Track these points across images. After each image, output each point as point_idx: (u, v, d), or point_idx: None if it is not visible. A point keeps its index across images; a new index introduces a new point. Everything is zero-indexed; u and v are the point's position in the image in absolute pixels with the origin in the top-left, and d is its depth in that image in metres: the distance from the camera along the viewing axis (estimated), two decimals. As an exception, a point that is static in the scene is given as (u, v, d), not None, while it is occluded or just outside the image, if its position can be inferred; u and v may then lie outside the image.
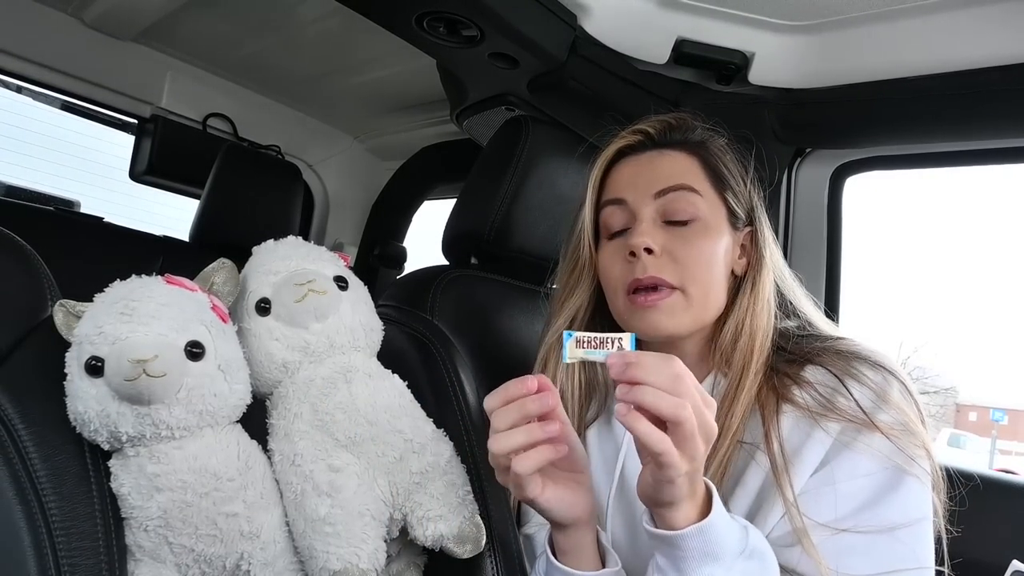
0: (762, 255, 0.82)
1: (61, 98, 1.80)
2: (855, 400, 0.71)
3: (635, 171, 0.84)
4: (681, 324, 0.78)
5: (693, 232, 0.79)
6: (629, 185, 0.83)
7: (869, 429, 0.70)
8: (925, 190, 23.07)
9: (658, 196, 0.80)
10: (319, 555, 0.70)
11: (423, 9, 0.98)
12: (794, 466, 0.71)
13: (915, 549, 0.67)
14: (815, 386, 0.74)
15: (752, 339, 0.78)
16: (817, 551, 0.67)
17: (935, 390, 15.96)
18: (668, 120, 0.87)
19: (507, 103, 1.28)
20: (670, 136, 0.86)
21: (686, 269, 0.77)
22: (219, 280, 0.75)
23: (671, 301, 0.77)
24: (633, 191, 0.81)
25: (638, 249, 0.77)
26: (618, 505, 0.83)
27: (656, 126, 0.86)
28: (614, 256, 0.82)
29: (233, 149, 1.77)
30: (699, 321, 0.79)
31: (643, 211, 0.80)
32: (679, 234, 0.79)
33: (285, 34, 1.57)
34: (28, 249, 0.74)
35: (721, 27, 1.05)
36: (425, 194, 2.20)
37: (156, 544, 0.67)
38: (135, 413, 0.64)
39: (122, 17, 1.57)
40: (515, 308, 1.10)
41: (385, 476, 0.75)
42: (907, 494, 0.68)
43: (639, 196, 0.81)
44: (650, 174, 0.82)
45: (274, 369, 0.76)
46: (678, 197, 0.79)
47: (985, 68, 0.93)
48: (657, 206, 0.80)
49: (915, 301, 27.45)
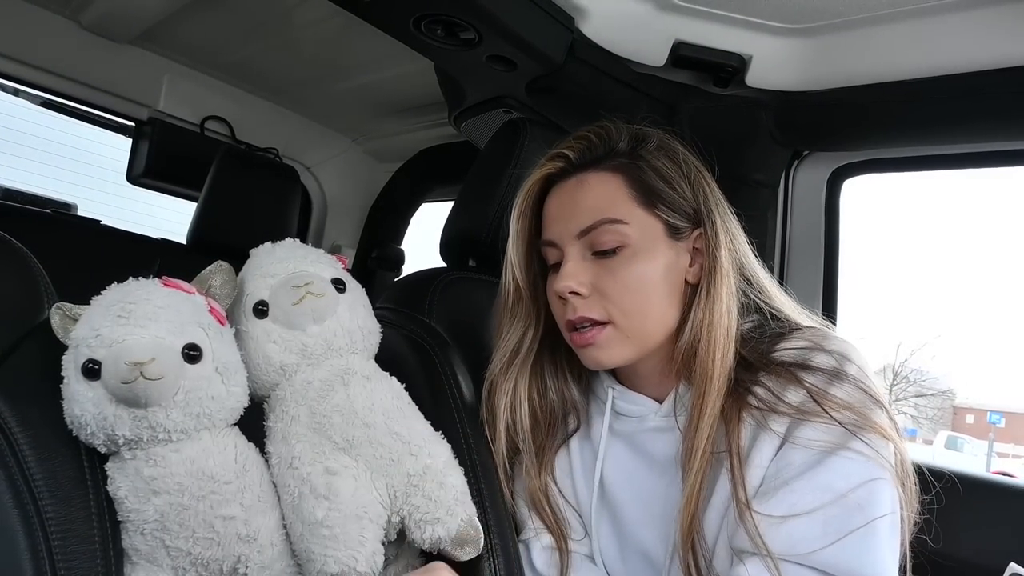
0: (715, 257, 0.77)
1: (58, 101, 1.79)
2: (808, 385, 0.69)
3: (558, 205, 0.81)
4: (622, 355, 0.78)
5: (621, 262, 0.76)
6: (554, 223, 0.81)
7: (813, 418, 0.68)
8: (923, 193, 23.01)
9: (580, 236, 0.78)
10: (317, 558, 0.70)
11: (421, 12, 0.98)
12: (748, 467, 0.70)
13: (865, 511, 0.63)
14: (769, 388, 0.72)
15: (710, 351, 0.74)
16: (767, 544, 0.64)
17: (932, 393, 15.98)
18: (589, 136, 0.82)
19: (505, 106, 1.28)
20: (591, 155, 0.81)
21: (613, 303, 0.76)
22: (216, 283, 0.75)
23: (605, 335, 0.77)
24: (558, 230, 0.80)
25: (563, 293, 0.77)
26: (601, 509, 0.84)
27: (575, 146, 0.82)
28: (552, 294, 0.81)
29: (231, 152, 1.76)
30: (643, 347, 0.78)
31: (569, 250, 0.78)
32: (607, 266, 0.76)
33: (283, 37, 1.57)
34: (24, 252, 0.74)
35: (719, 30, 1.05)
36: (423, 196, 2.20)
37: (153, 547, 0.67)
38: (132, 416, 0.64)
39: (119, 20, 1.57)
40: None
41: (383, 479, 0.74)
42: (847, 461, 0.66)
43: (564, 235, 0.79)
44: (572, 209, 0.79)
45: (271, 372, 0.76)
46: (600, 232, 0.76)
47: (982, 71, 0.94)
48: (582, 243, 0.78)
49: (913, 304, 27.51)
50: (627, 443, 0.83)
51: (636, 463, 0.82)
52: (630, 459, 0.82)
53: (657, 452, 0.80)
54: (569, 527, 0.85)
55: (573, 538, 0.84)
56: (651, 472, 0.80)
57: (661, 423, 0.81)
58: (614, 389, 0.85)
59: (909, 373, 13.97)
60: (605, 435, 0.84)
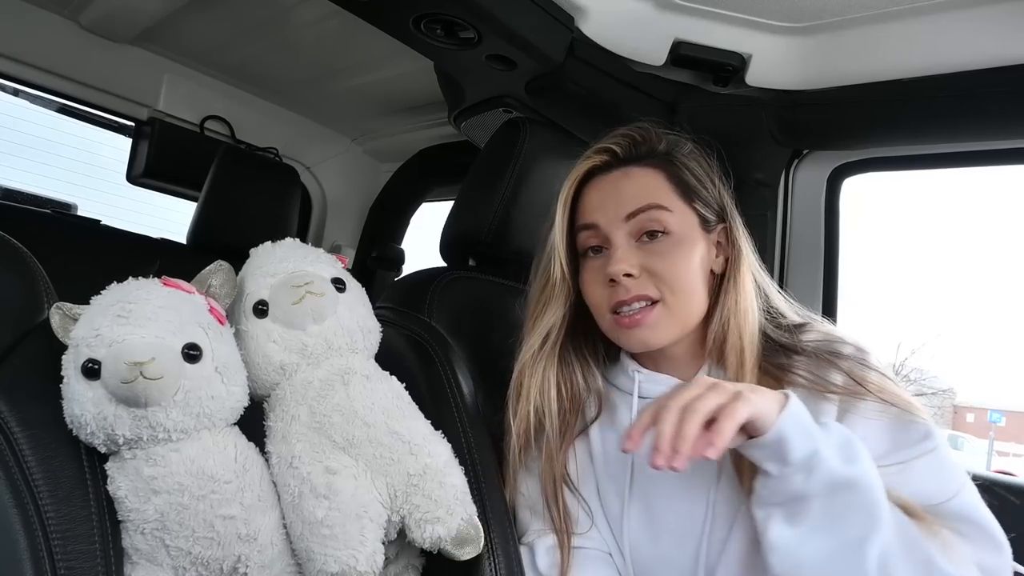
0: (740, 249, 0.85)
1: (58, 101, 1.79)
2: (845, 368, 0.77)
3: (603, 194, 0.86)
4: (667, 335, 0.82)
5: (667, 246, 0.82)
6: (599, 209, 0.85)
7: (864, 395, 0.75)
8: (923, 191, 22.90)
9: (628, 219, 0.83)
10: (317, 558, 0.70)
11: (420, 11, 0.98)
12: None
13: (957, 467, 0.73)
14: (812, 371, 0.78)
15: (740, 337, 0.80)
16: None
17: (933, 391, 15.96)
18: (632, 135, 0.88)
19: (505, 105, 1.28)
20: (635, 152, 0.87)
21: (664, 282, 0.81)
22: (216, 282, 0.75)
23: (654, 316, 0.81)
24: (604, 215, 0.84)
25: (617, 276, 0.80)
26: (633, 496, 0.84)
27: (621, 143, 0.88)
28: (595, 278, 0.85)
29: (230, 151, 1.76)
30: (684, 328, 0.83)
31: (615, 234, 0.83)
32: (653, 249, 0.82)
33: (282, 36, 1.57)
34: (24, 252, 0.74)
35: (718, 29, 1.05)
36: (423, 196, 2.20)
37: (153, 547, 0.67)
38: (132, 416, 0.64)
39: (119, 20, 1.57)
40: (513, 310, 1.10)
41: (383, 478, 0.74)
42: (921, 424, 0.73)
43: (610, 220, 0.83)
44: (618, 196, 0.84)
45: (271, 371, 0.76)
46: (648, 216, 0.82)
47: (981, 70, 0.94)
48: (628, 227, 0.83)
49: (913, 302, 27.41)
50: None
51: None
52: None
53: None
54: (576, 522, 0.85)
55: (577, 532, 0.85)
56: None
57: None
58: (640, 373, 0.87)
59: (909, 372, 13.93)
60: (635, 415, 0.86)
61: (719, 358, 0.83)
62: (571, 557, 0.83)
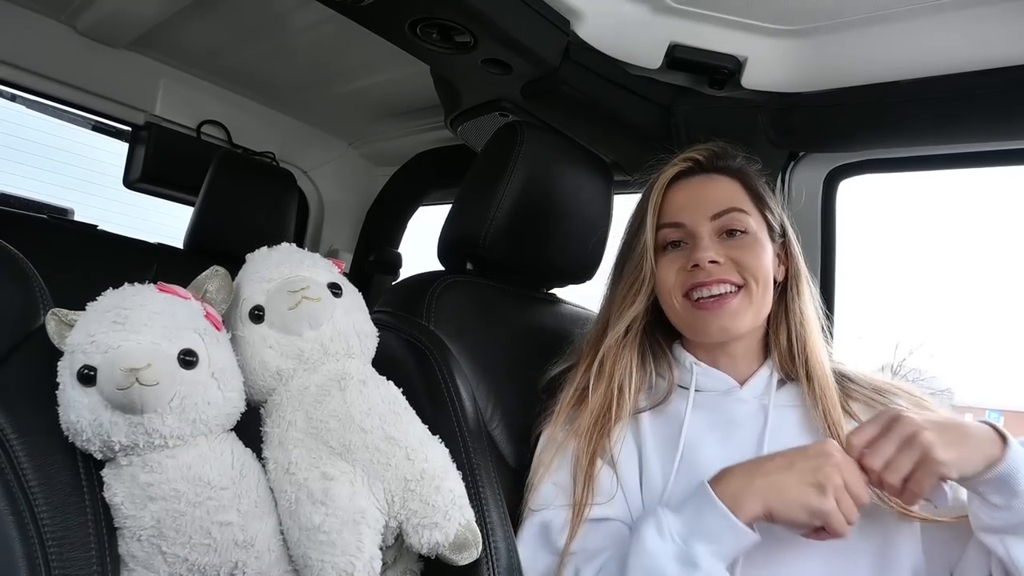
0: (799, 265, 0.95)
1: (55, 106, 1.79)
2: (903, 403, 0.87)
3: (689, 195, 0.93)
4: (744, 323, 0.88)
5: (747, 242, 0.90)
6: (685, 208, 0.92)
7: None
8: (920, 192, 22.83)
9: (714, 219, 0.90)
10: (314, 564, 0.70)
11: (416, 15, 0.98)
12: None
13: None
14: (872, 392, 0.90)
15: (806, 344, 0.91)
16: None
17: (931, 392, 15.94)
18: (713, 148, 0.97)
19: (501, 109, 1.28)
20: (716, 163, 0.96)
21: (747, 270, 0.88)
22: (212, 288, 0.75)
23: (735, 303, 0.87)
24: (690, 214, 0.91)
25: (703, 262, 0.87)
26: (677, 484, 0.86)
27: (704, 153, 0.96)
28: (670, 266, 0.91)
29: (227, 156, 1.76)
30: (756, 320, 0.90)
31: (701, 230, 0.89)
32: (735, 244, 0.89)
33: (279, 41, 1.57)
34: (20, 258, 0.74)
35: (714, 32, 1.05)
36: (420, 200, 2.19)
37: (149, 554, 0.66)
38: (128, 422, 0.63)
39: (115, 25, 1.57)
40: (511, 313, 1.10)
41: (380, 483, 0.74)
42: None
43: (697, 218, 0.90)
44: (704, 198, 0.92)
45: (268, 377, 0.76)
46: (731, 217, 0.90)
47: (975, 71, 0.94)
48: (713, 226, 0.90)
49: (911, 303, 27.43)
50: (706, 415, 0.91)
51: (715, 434, 0.89)
52: (709, 430, 0.89)
53: (736, 426, 0.89)
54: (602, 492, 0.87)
55: (598, 502, 0.86)
56: (728, 442, 0.88)
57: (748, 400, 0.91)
58: (698, 366, 0.93)
59: (908, 372, 13.95)
60: (691, 405, 0.91)
61: (785, 362, 0.92)
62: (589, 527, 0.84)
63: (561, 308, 1.20)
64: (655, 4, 1.02)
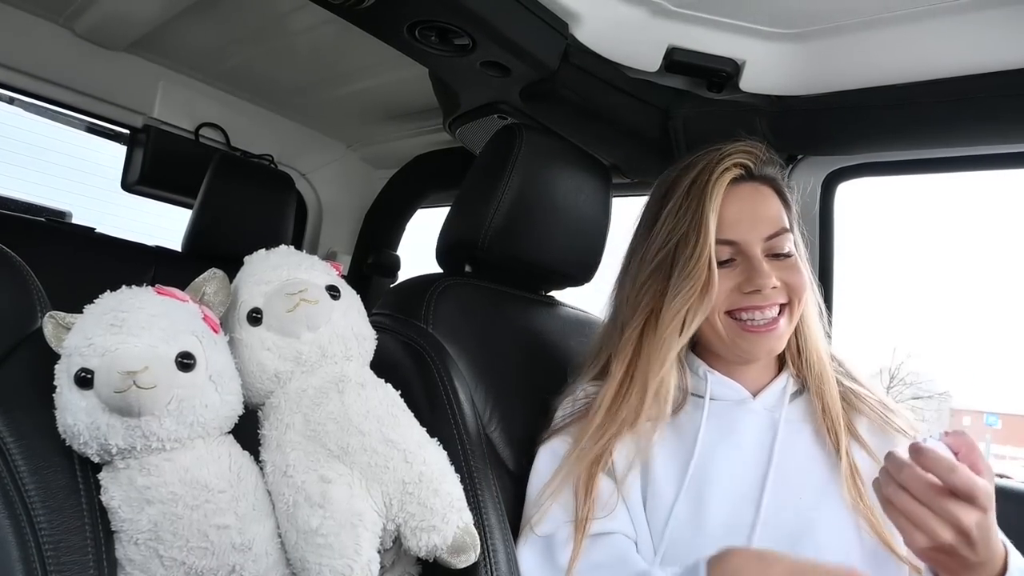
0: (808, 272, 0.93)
1: (53, 109, 1.79)
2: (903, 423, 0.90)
3: (740, 208, 0.89)
4: (785, 342, 0.90)
5: (793, 264, 0.89)
6: (738, 224, 0.88)
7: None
8: (919, 196, 22.92)
9: (766, 240, 0.88)
10: (312, 567, 0.69)
11: (415, 18, 0.98)
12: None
13: None
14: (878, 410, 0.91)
15: (814, 351, 0.92)
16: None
17: (929, 395, 16.00)
18: (755, 151, 0.92)
19: (499, 111, 1.28)
20: (762, 169, 0.93)
21: (794, 291, 0.88)
22: (210, 290, 0.75)
23: (783, 325, 0.87)
24: (744, 234, 0.88)
25: (766, 288, 0.85)
26: (687, 495, 0.85)
27: (752, 158, 0.92)
28: (721, 285, 0.87)
29: (226, 159, 1.76)
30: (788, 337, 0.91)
31: (755, 251, 0.87)
32: (783, 266, 0.88)
33: (277, 43, 1.57)
34: (17, 260, 0.74)
35: (712, 35, 1.05)
36: (419, 202, 2.19)
37: (147, 557, 0.66)
38: (125, 425, 0.63)
39: (113, 27, 1.57)
40: (510, 316, 1.10)
41: (378, 486, 0.74)
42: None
43: (750, 238, 0.88)
44: (755, 215, 0.89)
45: (266, 379, 0.76)
46: (781, 239, 0.89)
47: (973, 75, 0.94)
48: (764, 247, 0.88)
49: (908, 306, 27.43)
50: (717, 424, 0.90)
51: (726, 444, 0.88)
52: (720, 440, 0.89)
53: (746, 438, 0.88)
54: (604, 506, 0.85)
55: (600, 516, 0.84)
56: (737, 454, 0.87)
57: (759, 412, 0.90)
58: (712, 375, 0.92)
59: (906, 376, 14.02)
60: (706, 414, 0.90)
61: (800, 371, 0.93)
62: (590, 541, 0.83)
63: (560, 311, 1.21)
64: (653, 7, 1.02)
